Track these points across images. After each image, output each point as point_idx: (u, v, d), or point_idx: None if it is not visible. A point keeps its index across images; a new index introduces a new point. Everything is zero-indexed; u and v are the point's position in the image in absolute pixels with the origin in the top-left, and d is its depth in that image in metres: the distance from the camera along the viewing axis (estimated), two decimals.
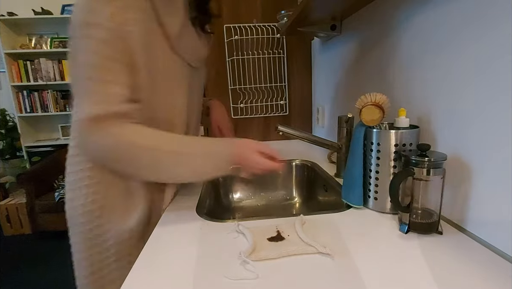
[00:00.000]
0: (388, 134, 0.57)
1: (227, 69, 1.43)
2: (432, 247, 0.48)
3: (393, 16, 0.72)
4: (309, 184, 1.04)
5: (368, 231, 0.54)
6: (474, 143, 0.49)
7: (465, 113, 0.51)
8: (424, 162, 0.49)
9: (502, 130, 0.44)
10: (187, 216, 0.64)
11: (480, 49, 0.47)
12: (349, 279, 0.41)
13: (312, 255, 0.47)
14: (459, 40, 0.52)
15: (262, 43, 1.42)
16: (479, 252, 0.45)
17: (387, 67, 0.77)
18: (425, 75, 0.61)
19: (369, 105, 0.59)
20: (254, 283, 0.41)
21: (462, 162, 0.52)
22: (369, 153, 0.60)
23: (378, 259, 0.45)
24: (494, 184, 0.46)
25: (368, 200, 0.62)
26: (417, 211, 0.52)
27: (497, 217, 0.46)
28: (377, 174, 0.59)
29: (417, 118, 0.63)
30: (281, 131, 0.81)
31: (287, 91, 1.49)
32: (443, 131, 0.57)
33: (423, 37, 0.61)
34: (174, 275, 0.43)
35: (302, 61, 1.48)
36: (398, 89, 0.72)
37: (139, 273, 0.44)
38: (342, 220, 0.59)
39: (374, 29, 0.82)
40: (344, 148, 0.83)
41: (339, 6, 0.89)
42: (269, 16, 1.39)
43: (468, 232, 0.51)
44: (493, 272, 0.41)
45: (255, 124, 1.52)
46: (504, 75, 0.43)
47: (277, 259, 0.46)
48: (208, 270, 0.44)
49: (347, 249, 0.48)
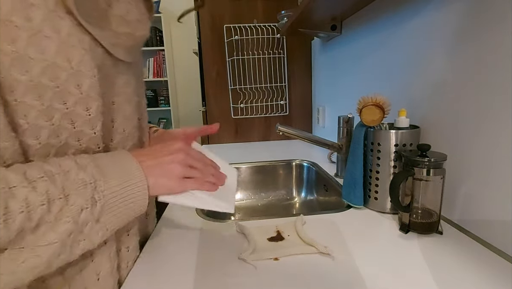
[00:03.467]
0: (388, 135, 0.57)
1: (227, 69, 1.43)
2: (432, 247, 0.48)
3: (393, 16, 0.72)
4: (309, 184, 1.04)
5: (368, 231, 0.54)
6: (474, 143, 0.49)
7: (465, 113, 0.51)
8: (424, 162, 0.49)
9: (502, 130, 0.44)
10: (187, 216, 0.64)
11: (480, 49, 0.47)
12: (349, 279, 0.41)
13: (313, 255, 0.47)
14: (459, 40, 0.52)
15: (263, 43, 1.42)
16: (479, 252, 0.46)
17: (387, 67, 0.77)
18: (425, 75, 0.61)
19: (369, 105, 0.59)
20: (254, 282, 0.41)
21: (462, 162, 0.52)
22: (369, 153, 0.60)
23: (378, 259, 0.45)
24: (494, 184, 0.46)
25: (368, 200, 0.62)
26: (417, 211, 0.52)
27: (497, 217, 0.46)
28: (377, 174, 0.59)
29: (417, 118, 0.64)
30: (281, 131, 0.81)
31: (287, 91, 1.49)
32: (443, 131, 0.57)
33: (423, 37, 0.62)
34: (174, 275, 0.43)
35: (302, 62, 1.48)
36: (398, 89, 0.72)
37: (139, 273, 0.44)
38: (342, 220, 0.59)
39: (374, 30, 0.83)
40: (344, 148, 0.84)
41: (340, 6, 0.89)
42: (270, 16, 1.39)
43: (468, 232, 0.51)
44: (493, 272, 0.41)
45: (255, 125, 1.52)
46: (504, 75, 0.43)
47: (278, 259, 0.46)
48: (208, 270, 0.44)
49: (347, 248, 0.48)
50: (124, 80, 0.42)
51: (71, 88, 0.32)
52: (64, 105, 0.32)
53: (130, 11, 0.38)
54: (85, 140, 0.36)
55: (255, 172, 1.06)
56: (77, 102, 0.33)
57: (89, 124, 0.35)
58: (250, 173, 1.06)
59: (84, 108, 0.34)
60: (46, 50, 0.29)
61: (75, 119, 0.34)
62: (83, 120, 0.35)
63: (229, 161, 1.01)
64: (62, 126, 0.33)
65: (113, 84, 0.40)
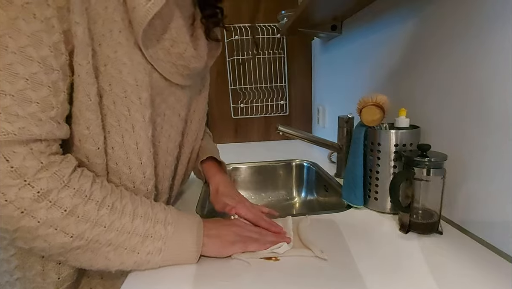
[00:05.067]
0: (388, 134, 0.57)
1: (227, 69, 1.43)
2: (432, 247, 0.48)
3: (394, 16, 0.72)
4: (309, 184, 1.04)
5: (369, 231, 0.54)
6: (474, 143, 0.49)
7: (465, 113, 0.51)
8: (424, 162, 0.49)
9: (502, 130, 0.44)
10: None
11: (480, 49, 0.47)
12: (349, 279, 0.41)
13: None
14: (460, 40, 0.52)
15: (263, 43, 1.42)
16: (479, 252, 0.45)
17: (387, 67, 0.77)
18: (426, 75, 0.61)
19: (369, 105, 0.59)
20: (254, 282, 0.41)
21: (462, 162, 0.52)
22: (369, 153, 0.60)
23: (379, 259, 0.45)
24: (494, 184, 0.46)
25: (368, 200, 0.62)
26: (418, 211, 0.52)
27: (497, 217, 0.46)
28: (377, 174, 0.59)
29: (417, 118, 0.63)
30: (281, 131, 0.81)
31: (287, 91, 1.49)
32: (443, 131, 0.57)
33: (423, 37, 0.62)
34: (174, 274, 0.43)
35: (302, 62, 1.48)
36: (398, 89, 0.72)
37: (139, 273, 0.44)
38: (342, 220, 0.59)
39: (375, 30, 0.82)
40: (344, 148, 0.83)
41: (340, 6, 0.89)
42: (270, 16, 1.39)
43: (468, 232, 0.51)
44: (493, 272, 0.41)
45: (255, 125, 1.52)
46: (504, 75, 0.43)
47: (278, 259, 0.46)
48: (208, 270, 0.44)
49: (347, 248, 0.48)
50: (175, 98, 0.55)
51: (133, 99, 0.45)
52: (128, 112, 0.45)
53: (187, 50, 0.51)
54: (141, 143, 0.47)
55: (255, 172, 1.06)
56: (137, 110, 0.45)
57: (144, 128, 0.47)
58: (250, 173, 1.06)
59: (141, 115, 0.46)
60: (122, 71, 0.43)
61: (134, 124, 0.46)
62: (140, 126, 0.46)
63: (229, 161, 1.00)
64: (123, 128, 0.45)
65: (166, 100, 0.53)
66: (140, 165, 0.48)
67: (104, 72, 0.42)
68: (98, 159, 0.44)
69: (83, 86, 0.39)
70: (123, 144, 0.46)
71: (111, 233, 0.39)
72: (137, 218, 0.42)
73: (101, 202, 0.39)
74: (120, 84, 0.43)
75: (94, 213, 0.38)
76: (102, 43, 0.40)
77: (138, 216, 0.42)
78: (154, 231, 0.42)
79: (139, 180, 0.49)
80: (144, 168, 0.49)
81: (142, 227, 0.42)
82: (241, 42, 1.41)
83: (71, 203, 0.37)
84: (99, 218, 0.39)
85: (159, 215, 0.44)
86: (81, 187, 0.38)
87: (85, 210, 0.38)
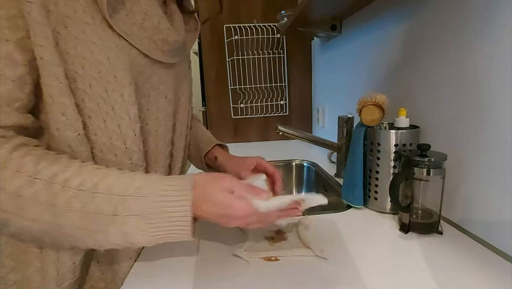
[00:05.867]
0: (388, 134, 0.57)
1: (227, 69, 1.43)
2: (432, 247, 0.48)
3: (393, 16, 0.72)
4: (309, 184, 1.04)
5: (368, 231, 0.54)
6: (474, 143, 0.49)
7: (465, 113, 0.51)
8: (424, 162, 0.49)
9: (502, 130, 0.44)
10: None
11: (480, 48, 0.47)
12: (349, 279, 0.41)
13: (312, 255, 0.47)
14: (460, 40, 0.52)
15: (262, 43, 1.42)
16: (479, 252, 0.45)
17: (387, 67, 0.77)
18: (425, 75, 0.61)
19: (369, 105, 0.59)
20: (254, 282, 0.41)
21: (462, 162, 0.52)
22: (369, 153, 0.60)
23: (378, 259, 0.45)
24: (493, 184, 0.46)
25: (368, 200, 0.62)
26: (417, 211, 0.52)
27: (497, 217, 0.46)
28: (377, 174, 0.59)
29: (417, 118, 0.63)
30: (281, 131, 0.81)
31: (287, 91, 1.49)
32: (443, 131, 0.57)
33: (423, 37, 0.61)
34: (174, 273, 0.43)
35: (302, 61, 1.48)
36: (398, 89, 0.72)
37: (139, 273, 0.44)
38: (342, 220, 0.59)
39: (374, 29, 0.82)
40: (344, 148, 0.83)
41: (339, 6, 0.89)
42: (269, 16, 1.39)
43: (468, 232, 0.51)
44: (493, 272, 0.41)
45: (255, 125, 1.52)
46: (504, 74, 0.43)
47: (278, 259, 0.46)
48: (208, 269, 0.44)
49: (347, 248, 0.48)
50: (159, 78, 0.52)
51: (109, 79, 0.43)
52: (106, 93, 0.43)
53: (161, 22, 0.48)
54: (123, 125, 0.45)
55: None
56: (114, 89, 0.43)
57: (124, 108, 0.44)
58: None
59: (119, 95, 0.44)
60: (93, 51, 0.41)
61: (114, 105, 0.44)
62: (119, 106, 0.44)
63: None
64: (103, 111, 0.43)
65: (149, 80, 0.50)
66: (126, 149, 0.46)
67: (75, 55, 0.40)
68: (81, 146, 0.42)
69: (50, 69, 0.38)
70: (105, 129, 0.44)
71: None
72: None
73: (50, 180, 0.37)
74: (93, 65, 0.41)
75: (44, 192, 0.36)
76: (68, 25, 0.39)
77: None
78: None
79: (126, 166, 0.47)
80: (130, 153, 0.47)
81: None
82: (241, 42, 1.41)
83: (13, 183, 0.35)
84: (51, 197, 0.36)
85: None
86: (23, 166, 0.36)
87: (33, 191, 0.36)
